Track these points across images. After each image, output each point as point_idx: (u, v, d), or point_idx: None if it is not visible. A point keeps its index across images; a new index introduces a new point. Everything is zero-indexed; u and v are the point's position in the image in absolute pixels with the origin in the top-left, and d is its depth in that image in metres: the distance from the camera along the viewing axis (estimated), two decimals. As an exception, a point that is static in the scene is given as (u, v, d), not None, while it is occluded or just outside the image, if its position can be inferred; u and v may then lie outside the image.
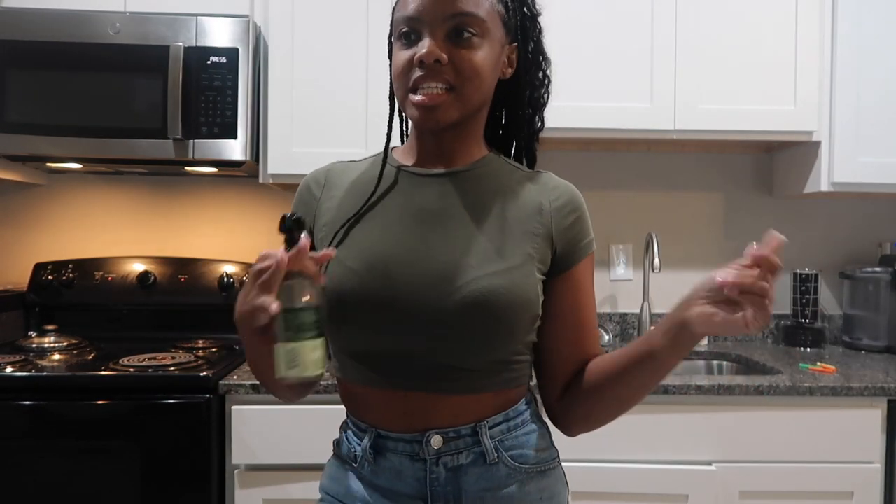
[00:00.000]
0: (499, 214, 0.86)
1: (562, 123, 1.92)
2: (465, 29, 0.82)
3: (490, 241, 0.84)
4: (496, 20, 0.85)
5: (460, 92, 0.82)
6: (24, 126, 1.80)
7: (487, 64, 0.84)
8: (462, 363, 0.82)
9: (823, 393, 1.61)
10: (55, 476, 1.54)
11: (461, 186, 0.88)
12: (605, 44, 1.93)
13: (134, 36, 1.80)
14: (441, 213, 0.86)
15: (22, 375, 1.57)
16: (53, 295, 2.07)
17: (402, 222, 0.86)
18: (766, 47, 1.93)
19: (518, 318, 0.82)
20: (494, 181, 0.89)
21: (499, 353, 0.83)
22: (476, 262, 0.81)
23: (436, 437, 0.83)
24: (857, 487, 1.62)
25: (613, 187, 2.29)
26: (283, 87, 1.90)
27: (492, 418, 0.85)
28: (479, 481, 0.84)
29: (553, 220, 0.87)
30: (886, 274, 2.09)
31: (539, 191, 0.89)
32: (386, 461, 0.85)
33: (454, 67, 0.81)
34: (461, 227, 0.84)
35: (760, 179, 2.31)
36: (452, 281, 0.80)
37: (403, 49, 0.84)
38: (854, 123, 1.93)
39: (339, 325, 0.84)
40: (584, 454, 1.60)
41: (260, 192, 2.25)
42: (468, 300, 0.79)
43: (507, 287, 0.81)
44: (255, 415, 1.59)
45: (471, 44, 0.82)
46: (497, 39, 0.86)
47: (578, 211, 0.89)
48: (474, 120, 0.89)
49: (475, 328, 0.80)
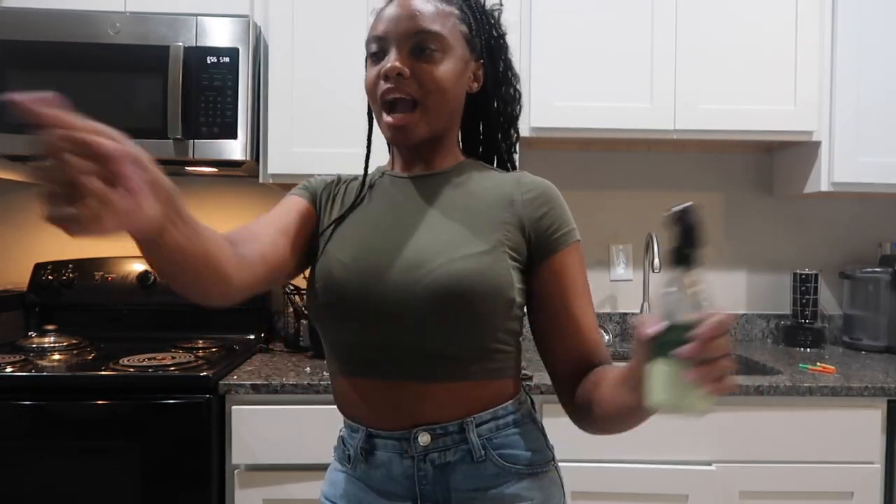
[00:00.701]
0: (470, 206, 0.90)
1: (562, 123, 1.92)
2: (427, 46, 0.88)
3: (460, 229, 0.87)
4: (458, 38, 0.91)
5: (425, 105, 0.88)
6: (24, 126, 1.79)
7: (449, 77, 0.89)
8: (441, 349, 0.84)
9: (823, 393, 1.61)
10: (55, 476, 1.54)
11: (437, 185, 0.93)
12: (605, 44, 1.93)
13: (134, 36, 1.80)
14: (416, 207, 0.91)
15: (22, 375, 1.57)
16: (53, 295, 2.07)
17: (383, 220, 0.91)
18: (766, 47, 1.93)
19: (490, 301, 0.83)
20: (468, 181, 0.93)
21: (477, 340, 0.85)
22: (445, 249, 0.84)
23: (423, 434, 0.85)
24: (857, 487, 1.62)
25: (613, 187, 2.29)
26: (283, 87, 1.90)
27: (479, 415, 0.86)
28: (468, 480, 0.85)
29: (524, 210, 0.89)
30: (886, 274, 2.09)
31: (512, 186, 0.92)
32: (377, 459, 0.87)
33: (417, 80, 0.87)
34: (433, 219, 0.89)
35: (760, 179, 2.31)
36: (421, 266, 0.83)
37: (373, 66, 0.91)
38: (854, 123, 1.93)
39: (328, 318, 0.88)
40: (584, 454, 1.60)
41: (260, 192, 2.25)
42: (437, 284, 0.82)
43: (475, 270, 0.82)
44: (255, 415, 1.59)
45: (432, 59, 0.88)
46: (460, 56, 0.91)
47: (550, 203, 0.90)
48: (446, 133, 0.95)
49: (447, 312, 0.82)
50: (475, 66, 0.95)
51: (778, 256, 2.31)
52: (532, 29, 1.92)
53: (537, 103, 1.91)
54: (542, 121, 1.92)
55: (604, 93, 1.93)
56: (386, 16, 0.90)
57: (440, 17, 0.89)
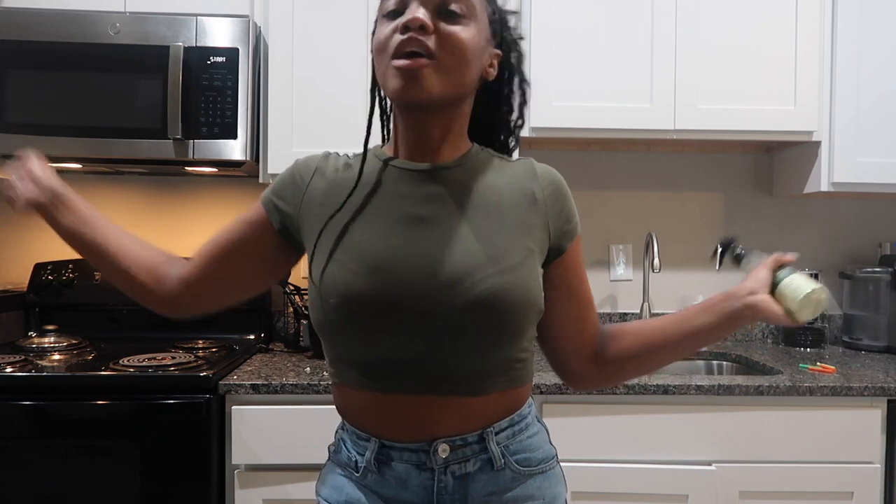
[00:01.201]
0: (493, 210, 0.86)
1: (562, 123, 1.92)
2: (454, 5, 0.81)
3: (490, 238, 0.83)
4: (483, 13, 0.86)
5: (442, 62, 0.80)
6: (24, 126, 1.80)
7: (472, 45, 0.83)
8: (472, 364, 0.82)
9: (823, 393, 1.61)
10: (55, 476, 1.54)
11: (451, 183, 0.87)
12: (605, 44, 1.93)
13: (134, 36, 1.80)
14: (436, 212, 0.85)
15: (22, 375, 1.57)
16: (53, 295, 2.07)
17: (399, 223, 0.84)
18: (766, 47, 1.93)
19: (524, 314, 0.83)
20: (482, 175, 0.89)
21: (507, 352, 0.84)
22: (482, 262, 0.81)
23: (443, 445, 0.83)
24: (857, 487, 1.62)
25: (613, 187, 2.29)
26: (283, 87, 1.90)
27: (497, 424, 0.86)
28: (486, 486, 0.85)
29: (548, 209, 0.89)
30: (886, 274, 2.09)
31: (529, 179, 0.90)
32: (391, 471, 0.84)
33: (439, 39, 0.80)
34: (459, 227, 0.84)
35: (760, 179, 2.31)
36: (459, 282, 0.80)
37: (388, 23, 0.82)
38: (854, 123, 1.93)
39: (346, 331, 0.82)
40: (584, 454, 1.60)
41: (260, 193, 2.25)
42: (476, 301, 0.79)
43: (512, 285, 0.81)
44: (255, 415, 1.59)
45: (457, 21, 0.81)
46: (483, 31, 0.85)
47: (566, 196, 0.91)
48: (457, 112, 0.88)
49: (483, 328, 0.80)
50: (493, 54, 0.90)
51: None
52: (532, 29, 1.92)
53: (537, 103, 1.91)
54: (541, 121, 1.92)
55: (604, 93, 1.93)
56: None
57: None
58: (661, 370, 0.95)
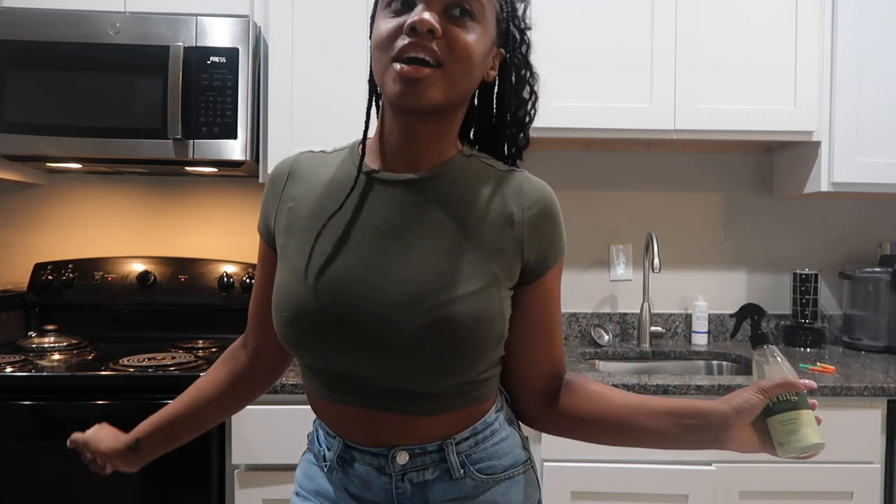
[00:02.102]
0: (464, 229, 0.80)
1: (562, 123, 1.92)
2: (464, 6, 0.77)
3: (454, 261, 0.79)
4: (492, 13, 0.81)
5: (448, 70, 0.76)
6: (24, 126, 1.80)
7: (479, 50, 0.79)
8: (427, 388, 0.79)
9: (823, 393, 1.61)
10: (55, 476, 1.54)
11: (427, 195, 0.82)
12: (606, 43, 1.93)
13: (134, 36, 1.80)
14: (403, 226, 0.80)
15: (22, 375, 1.57)
16: (53, 295, 2.07)
17: (364, 236, 0.81)
18: (766, 47, 1.93)
19: (483, 341, 0.78)
20: (462, 188, 0.83)
21: (465, 377, 0.80)
22: (439, 286, 0.77)
23: (401, 453, 0.82)
24: (857, 487, 1.62)
25: (613, 187, 2.29)
26: (283, 87, 1.90)
27: (458, 434, 0.83)
28: (446, 493, 0.84)
29: (525, 231, 0.82)
30: (886, 274, 2.09)
31: (511, 196, 0.83)
32: (354, 471, 0.85)
33: (447, 43, 0.75)
34: (424, 245, 0.79)
35: (760, 179, 2.31)
36: (415, 306, 0.76)
37: (391, 17, 0.77)
38: (854, 123, 1.93)
39: (300, 344, 0.81)
40: (585, 454, 1.60)
41: (260, 192, 2.25)
42: (430, 326, 0.75)
43: (470, 312, 0.77)
44: (255, 415, 1.59)
45: (465, 25, 0.77)
46: (489, 32, 0.81)
47: (551, 220, 0.84)
48: (449, 118, 0.83)
49: (438, 354, 0.76)
50: (496, 53, 0.85)
51: (778, 256, 2.31)
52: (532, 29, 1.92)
53: (537, 103, 1.91)
54: (541, 121, 1.89)
55: (604, 93, 1.93)
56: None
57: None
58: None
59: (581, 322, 2.27)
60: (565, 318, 2.26)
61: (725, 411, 0.80)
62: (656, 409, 0.83)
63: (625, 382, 1.61)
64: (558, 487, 1.61)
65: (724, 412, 0.80)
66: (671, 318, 2.27)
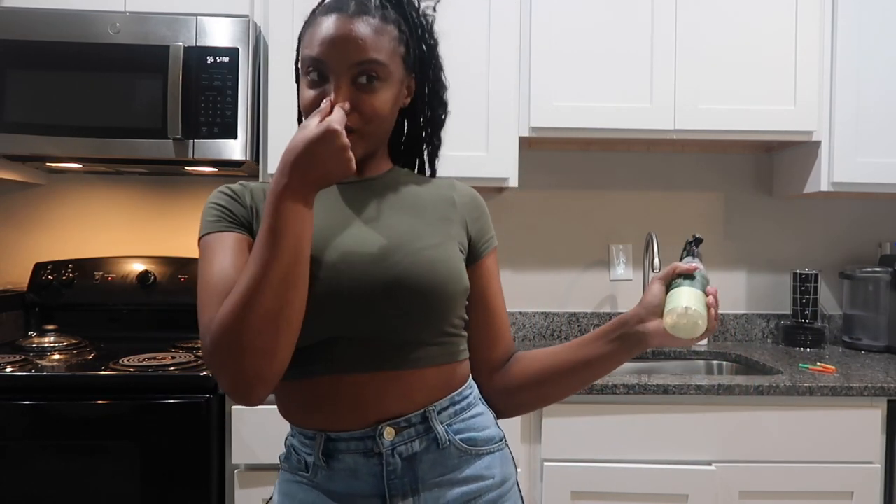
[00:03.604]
0: (416, 204, 0.94)
1: (562, 123, 1.92)
2: (369, 74, 0.86)
3: (414, 223, 0.91)
4: (397, 61, 0.90)
5: (363, 133, 0.88)
6: (24, 126, 1.80)
7: (389, 105, 0.89)
8: (406, 337, 0.86)
9: (823, 393, 1.61)
10: (55, 476, 1.54)
11: (377, 189, 0.95)
12: (605, 44, 1.93)
13: (134, 36, 1.80)
14: (365, 210, 0.92)
15: (22, 375, 1.57)
16: (53, 295, 2.07)
17: (326, 219, 0.89)
18: (766, 47, 1.93)
19: (452, 286, 0.88)
20: (406, 185, 0.97)
21: (439, 324, 0.88)
22: (406, 241, 0.88)
23: (388, 428, 0.85)
24: (857, 487, 1.62)
25: (613, 187, 2.29)
26: (283, 86, 1.90)
27: (439, 402, 0.88)
28: (434, 467, 0.87)
29: (465, 212, 0.97)
30: (886, 274, 2.09)
31: (447, 188, 0.99)
32: (339, 463, 0.86)
33: (358, 113, 0.86)
34: (384, 216, 0.91)
35: (760, 179, 2.31)
36: (388, 258, 0.86)
37: (310, 87, 0.88)
38: (854, 123, 1.93)
39: None
40: (585, 454, 1.60)
41: (260, 192, 2.25)
42: (404, 273, 0.85)
43: (438, 258, 0.88)
44: (255, 415, 1.59)
45: (373, 89, 0.87)
46: (398, 79, 0.91)
47: (482, 209, 1.00)
48: (379, 145, 0.96)
49: (413, 300, 0.85)
50: (408, 81, 0.95)
51: (778, 256, 2.31)
52: (532, 29, 1.92)
53: (537, 103, 1.91)
54: (541, 121, 1.92)
55: (604, 93, 1.93)
56: (324, 37, 0.86)
57: (381, 41, 0.87)
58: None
59: (581, 322, 2.27)
60: (566, 318, 2.26)
61: (638, 310, 0.92)
62: (585, 340, 0.95)
63: (625, 382, 1.61)
64: (558, 487, 1.61)
65: (637, 311, 0.92)
66: (671, 318, 2.27)
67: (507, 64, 1.91)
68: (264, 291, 0.74)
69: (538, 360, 0.98)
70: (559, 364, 0.96)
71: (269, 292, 0.74)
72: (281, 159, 0.77)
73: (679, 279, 0.91)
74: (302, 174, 0.76)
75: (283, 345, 0.77)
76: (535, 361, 0.98)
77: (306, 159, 0.76)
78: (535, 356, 0.99)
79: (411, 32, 0.93)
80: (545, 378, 0.96)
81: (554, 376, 0.96)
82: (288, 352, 0.78)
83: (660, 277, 0.93)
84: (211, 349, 0.76)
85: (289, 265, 0.76)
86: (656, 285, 0.93)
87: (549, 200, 2.28)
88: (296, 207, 0.77)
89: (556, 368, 0.96)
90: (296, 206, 0.77)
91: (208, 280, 0.82)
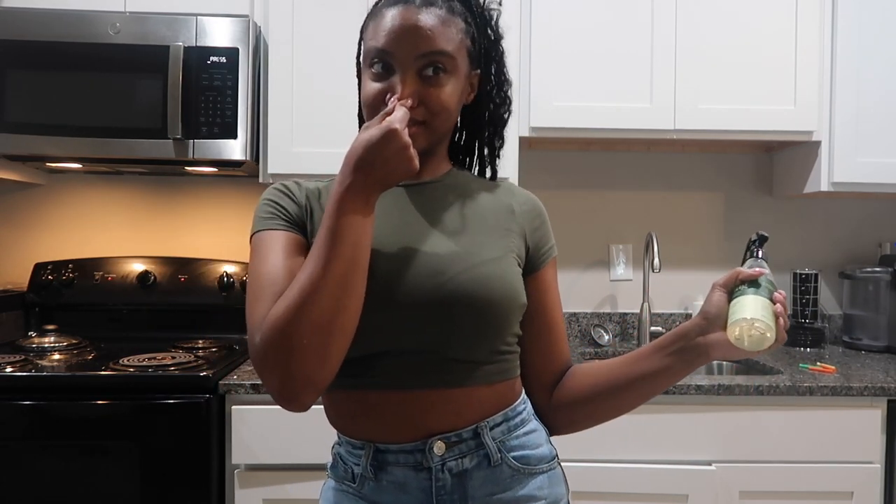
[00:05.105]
0: (476, 214, 0.91)
1: (562, 123, 1.92)
2: (436, 66, 0.84)
3: (472, 235, 0.88)
4: (463, 54, 0.88)
5: (429, 125, 0.85)
6: (24, 126, 1.80)
7: (455, 98, 0.87)
8: (459, 354, 0.83)
9: (823, 393, 1.61)
10: (55, 476, 1.54)
11: (434, 193, 0.92)
12: (605, 44, 1.93)
13: (134, 36, 1.80)
14: (419, 214, 0.89)
15: (22, 375, 1.57)
16: (53, 295, 2.07)
17: (383, 226, 0.86)
18: (766, 47, 1.93)
19: (508, 303, 0.85)
20: (464, 189, 0.94)
21: (493, 342, 0.85)
22: (464, 255, 0.85)
23: (438, 442, 0.83)
24: (857, 487, 1.62)
25: (613, 187, 2.29)
26: (283, 86, 1.90)
27: (491, 418, 0.85)
28: (485, 485, 0.84)
29: (524, 221, 0.93)
30: (886, 274, 2.09)
31: (506, 195, 0.95)
32: (388, 475, 0.84)
33: (424, 106, 0.84)
34: (443, 226, 0.88)
35: (760, 179, 2.31)
36: (443, 273, 0.82)
37: (374, 80, 0.86)
38: (854, 123, 1.93)
39: None
40: (585, 454, 1.60)
41: (260, 192, 2.25)
42: (461, 289, 0.82)
43: (495, 274, 0.84)
44: (255, 415, 1.59)
45: (440, 81, 0.85)
46: (463, 73, 0.89)
47: (542, 217, 0.96)
48: (440, 143, 0.93)
49: (467, 317, 0.82)
50: (472, 77, 0.93)
51: (778, 256, 2.31)
52: (532, 29, 1.92)
53: (537, 103, 1.91)
54: (541, 121, 1.92)
55: (604, 93, 1.92)
56: (390, 27, 0.84)
57: (448, 32, 0.85)
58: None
59: (581, 322, 2.27)
60: (566, 319, 2.26)
61: (699, 321, 0.85)
62: (643, 353, 0.89)
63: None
64: (558, 487, 1.61)
65: (698, 322, 0.85)
66: (671, 318, 2.27)
67: (507, 64, 1.90)
68: (321, 293, 0.73)
69: (592, 375, 0.92)
70: (615, 379, 0.90)
71: (325, 294, 0.73)
72: (343, 161, 0.76)
73: (743, 286, 0.83)
74: (364, 175, 0.75)
75: (334, 351, 0.75)
76: (590, 377, 0.93)
77: (368, 159, 0.74)
78: (589, 370, 0.93)
79: (477, 26, 0.91)
80: (600, 394, 0.91)
81: (610, 392, 0.90)
82: (339, 359, 0.76)
83: (721, 284, 0.85)
84: (261, 348, 0.74)
85: (347, 268, 0.74)
86: (717, 293, 0.85)
87: (549, 200, 2.27)
88: (357, 208, 0.75)
89: (612, 384, 0.90)
90: (357, 207, 0.75)
91: (259, 278, 0.81)
